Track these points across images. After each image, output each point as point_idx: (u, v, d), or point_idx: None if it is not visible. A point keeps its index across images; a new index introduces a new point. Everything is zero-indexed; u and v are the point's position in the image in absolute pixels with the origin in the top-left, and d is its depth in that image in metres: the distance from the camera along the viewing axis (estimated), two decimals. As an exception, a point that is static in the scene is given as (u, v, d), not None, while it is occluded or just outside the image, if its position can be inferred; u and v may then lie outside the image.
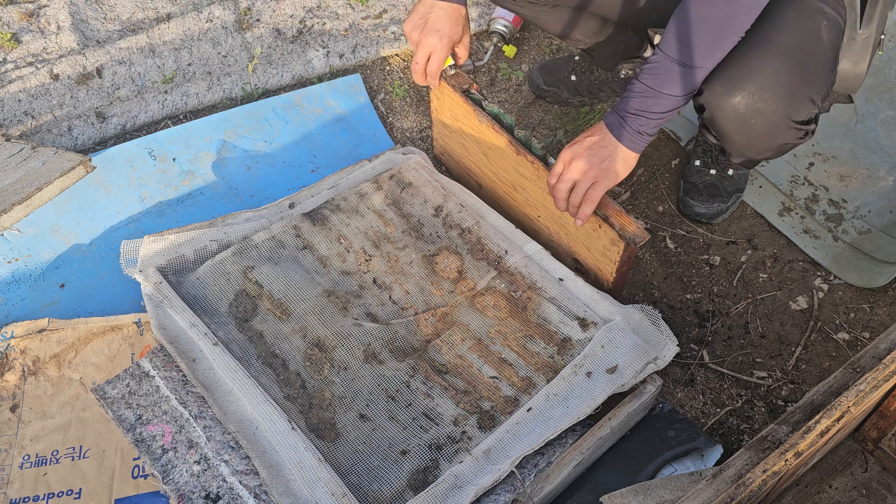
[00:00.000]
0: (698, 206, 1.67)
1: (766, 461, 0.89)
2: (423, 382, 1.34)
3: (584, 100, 1.91)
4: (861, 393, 0.95)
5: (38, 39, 2.00)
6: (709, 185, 1.67)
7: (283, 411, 1.21)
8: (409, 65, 2.03)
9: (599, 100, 1.92)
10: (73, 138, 1.83)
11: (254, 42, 2.03)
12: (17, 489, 1.26)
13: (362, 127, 1.87)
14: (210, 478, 1.18)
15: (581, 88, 1.88)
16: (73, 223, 1.63)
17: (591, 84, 1.88)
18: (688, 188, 1.69)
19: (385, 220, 1.57)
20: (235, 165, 1.77)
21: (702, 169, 1.68)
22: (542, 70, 1.92)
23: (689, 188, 1.69)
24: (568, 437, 1.26)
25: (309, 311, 1.40)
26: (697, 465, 1.29)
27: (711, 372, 1.48)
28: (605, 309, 1.40)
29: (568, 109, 1.92)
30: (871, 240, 1.63)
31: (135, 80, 1.95)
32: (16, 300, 1.52)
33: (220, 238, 1.47)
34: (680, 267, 1.64)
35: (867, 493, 1.22)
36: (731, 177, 1.67)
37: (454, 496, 1.14)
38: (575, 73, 1.88)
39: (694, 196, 1.67)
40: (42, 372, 1.39)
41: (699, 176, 1.68)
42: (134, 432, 1.23)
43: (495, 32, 2.02)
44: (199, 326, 1.30)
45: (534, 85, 1.93)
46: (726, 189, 1.67)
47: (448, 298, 1.46)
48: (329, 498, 1.12)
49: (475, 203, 1.61)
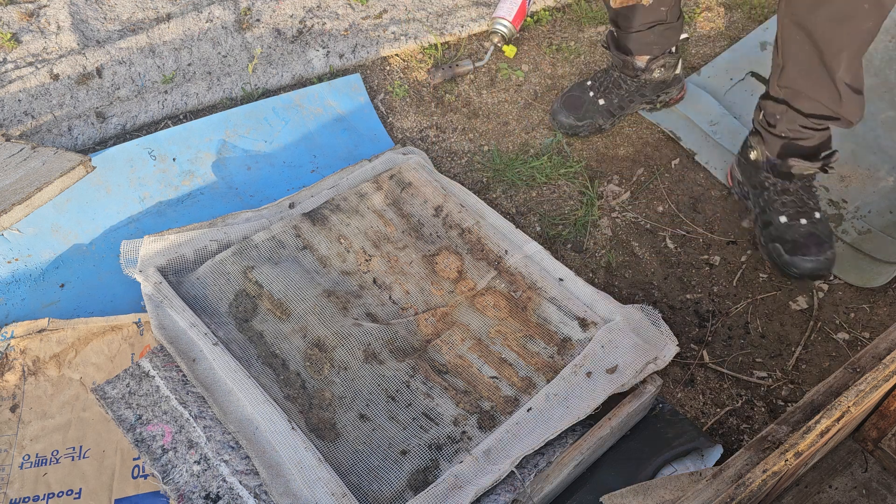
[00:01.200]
0: (810, 261, 1.49)
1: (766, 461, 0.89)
2: (423, 382, 1.34)
3: (616, 120, 1.84)
4: (861, 393, 0.95)
5: (38, 39, 2.00)
6: (809, 235, 1.50)
7: (283, 411, 1.21)
8: (409, 65, 2.03)
9: (632, 111, 1.85)
10: (73, 138, 1.83)
11: (254, 42, 2.03)
12: (17, 489, 1.26)
13: (362, 127, 1.87)
14: (210, 478, 1.18)
15: (613, 108, 1.81)
16: (73, 223, 1.63)
17: (622, 99, 1.80)
18: (789, 248, 1.50)
19: (385, 220, 1.57)
20: (235, 165, 1.77)
21: (791, 223, 1.51)
22: (565, 108, 1.83)
23: (791, 247, 1.50)
24: (568, 437, 1.26)
25: (309, 311, 1.40)
26: (697, 465, 1.29)
27: (711, 372, 1.48)
28: (605, 309, 1.40)
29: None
30: (871, 240, 1.63)
31: (135, 80, 1.95)
32: (16, 300, 1.52)
33: (220, 238, 1.47)
34: (680, 267, 1.64)
35: (867, 493, 1.22)
36: (821, 220, 1.52)
37: (454, 496, 1.14)
38: (601, 96, 1.80)
39: (803, 252, 1.49)
40: (42, 372, 1.39)
41: (792, 230, 1.51)
42: (134, 432, 1.23)
43: (495, 32, 2.02)
44: (199, 326, 1.30)
45: (564, 126, 1.82)
46: (824, 231, 1.52)
47: (448, 298, 1.46)
48: (329, 498, 1.12)
49: (475, 203, 1.61)
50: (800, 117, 1.43)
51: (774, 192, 1.54)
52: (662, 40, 1.71)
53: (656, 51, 1.73)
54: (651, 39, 1.70)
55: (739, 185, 1.66)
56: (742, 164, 1.63)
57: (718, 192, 1.76)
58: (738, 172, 1.66)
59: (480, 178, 1.79)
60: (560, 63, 2.04)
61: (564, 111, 1.83)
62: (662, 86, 1.81)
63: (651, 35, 1.69)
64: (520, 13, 2.01)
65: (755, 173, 1.57)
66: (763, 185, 1.56)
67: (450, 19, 2.10)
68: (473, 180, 1.79)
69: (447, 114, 1.93)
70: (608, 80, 1.81)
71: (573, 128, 1.82)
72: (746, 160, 1.60)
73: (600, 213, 1.72)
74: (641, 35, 1.69)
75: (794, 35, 1.34)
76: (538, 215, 1.72)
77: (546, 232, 1.69)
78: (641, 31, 1.68)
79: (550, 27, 2.13)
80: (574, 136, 1.84)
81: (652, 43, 1.71)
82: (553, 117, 1.85)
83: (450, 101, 1.95)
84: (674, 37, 1.72)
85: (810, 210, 1.52)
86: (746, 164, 1.60)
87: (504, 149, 1.86)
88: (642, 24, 1.66)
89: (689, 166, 1.80)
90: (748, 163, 1.59)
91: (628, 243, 1.68)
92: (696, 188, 1.77)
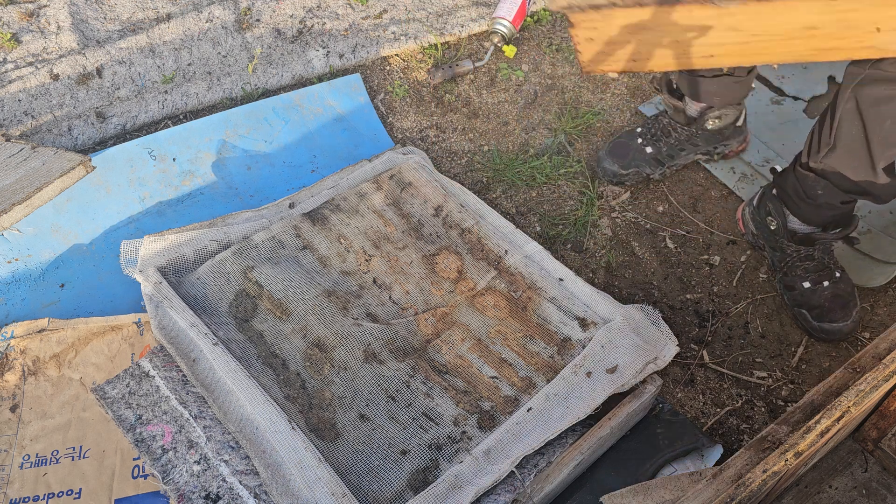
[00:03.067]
0: (838, 326, 1.49)
1: (766, 461, 0.89)
2: (423, 382, 1.33)
3: (665, 169, 1.74)
4: (861, 393, 0.95)
5: (38, 39, 2.00)
6: (834, 298, 1.49)
7: (283, 411, 1.21)
8: (409, 65, 2.03)
9: (682, 160, 1.75)
10: (73, 138, 1.83)
11: (254, 42, 2.03)
12: (17, 489, 1.26)
13: (362, 127, 1.87)
14: (210, 478, 1.18)
15: (661, 157, 1.72)
16: (73, 223, 1.63)
17: (672, 148, 1.71)
18: (817, 314, 1.49)
19: (385, 220, 1.57)
20: (235, 165, 1.77)
21: (815, 288, 1.50)
22: (611, 155, 1.74)
23: (818, 314, 1.49)
24: (568, 437, 1.26)
25: (309, 311, 1.40)
26: (697, 465, 1.29)
27: (711, 372, 1.48)
28: (605, 309, 1.40)
29: (567, 109, 1.92)
30: (871, 240, 1.63)
31: (135, 80, 1.95)
32: (16, 300, 1.52)
33: (220, 238, 1.47)
34: (680, 267, 1.64)
35: (867, 493, 1.22)
36: (841, 278, 1.51)
37: (454, 496, 1.14)
38: (649, 144, 1.72)
39: (830, 318, 1.49)
40: (42, 372, 1.39)
41: (817, 295, 1.50)
42: (134, 432, 1.23)
43: (495, 32, 2.02)
44: (199, 326, 1.30)
45: (608, 173, 1.74)
46: (847, 289, 1.51)
47: (448, 298, 1.46)
48: (329, 498, 1.12)
49: (475, 203, 1.61)
50: (839, 193, 1.41)
51: (797, 259, 1.52)
52: (726, 93, 1.61)
53: (717, 102, 1.63)
54: (713, 89, 1.60)
55: (754, 236, 1.62)
56: (757, 221, 1.58)
57: (718, 192, 1.76)
58: (751, 224, 1.62)
59: (480, 178, 1.79)
60: (560, 63, 2.04)
61: (609, 158, 1.74)
62: (718, 137, 1.71)
63: (714, 85, 1.58)
64: (520, 13, 2.01)
65: (773, 237, 1.54)
66: (783, 249, 1.53)
67: (450, 19, 2.10)
68: (473, 180, 1.79)
69: (447, 114, 1.93)
70: (657, 126, 1.73)
71: (617, 176, 1.73)
72: (763, 224, 1.56)
73: (600, 213, 1.72)
74: (704, 81, 1.58)
75: (854, 122, 1.30)
76: (538, 215, 1.72)
77: (546, 232, 1.69)
78: (705, 76, 1.57)
79: (550, 27, 2.13)
80: (619, 184, 1.75)
81: (713, 93, 1.61)
82: (598, 163, 1.77)
83: (450, 101, 1.95)
84: (740, 92, 1.62)
85: (831, 271, 1.51)
86: (763, 225, 1.56)
87: (504, 149, 1.86)
88: (708, 71, 1.54)
89: (689, 166, 1.80)
90: (765, 226, 1.55)
91: (628, 243, 1.68)
92: (696, 188, 1.77)
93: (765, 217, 1.55)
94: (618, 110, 1.94)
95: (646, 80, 2.00)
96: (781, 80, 1.96)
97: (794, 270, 1.53)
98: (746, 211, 1.64)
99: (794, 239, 1.51)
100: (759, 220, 1.57)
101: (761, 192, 1.58)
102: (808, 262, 1.51)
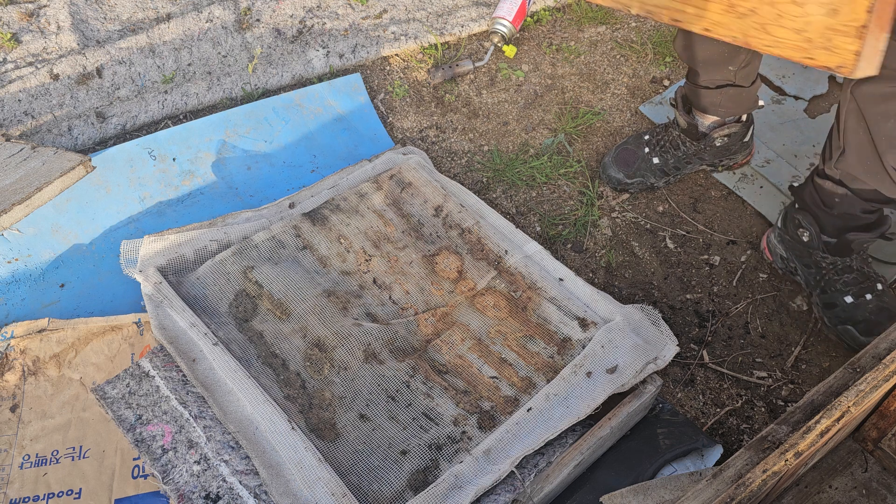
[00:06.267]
0: None
1: (766, 461, 0.89)
2: (423, 382, 1.33)
3: (670, 179, 1.73)
4: (861, 393, 0.95)
5: (38, 39, 2.00)
6: (880, 311, 1.43)
7: (283, 411, 1.21)
8: (409, 65, 2.03)
9: (688, 171, 1.74)
10: (73, 138, 1.83)
11: (254, 42, 2.03)
12: (17, 489, 1.26)
13: (362, 127, 1.87)
14: (210, 478, 1.18)
15: (668, 168, 1.71)
16: (73, 223, 1.63)
17: (678, 160, 1.70)
18: (863, 328, 1.43)
19: (385, 220, 1.57)
20: (235, 165, 1.77)
21: (858, 301, 1.44)
22: (617, 162, 1.73)
23: (865, 328, 1.43)
24: (568, 437, 1.26)
25: (309, 311, 1.40)
26: (697, 465, 1.29)
27: (711, 372, 1.48)
28: (605, 309, 1.40)
29: (567, 109, 1.92)
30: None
31: (135, 80, 1.95)
32: (16, 300, 1.52)
33: (220, 238, 1.47)
34: (680, 267, 1.64)
35: (867, 493, 1.22)
36: (884, 290, 1.45)
37: (454, 496, 1.14)
38: (656, 155, 1.70)
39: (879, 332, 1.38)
40: (42, 372, 1.39)
41: (862, 309, 1.43)
42: (134, 432, 1.23)
43: (495, 32, 2.02)
44: (199, 326, 1.30)
45: (613, 181, 1.73)
46: (892, 301, 1.45)
47: (448, 298, 1.46)
48: (329, 498, 1.12)
49: (475, 203, 1.61)
50: (859, 201, 1.37)
51: (834, 272, 1.45)
52: (731, 105, 1.59)
53: (722, 113, 1.61)
54: (718, 101, 1.58)
55: (784, 260, 1.56)
56: (787, 241, 1.53)
57: (718, 192, 1.76)
58: (780, 248, 1.56)
59: (480, 178, 1.79)
60: (560, 63, 2.04)
61: (615, 166, 1.73)
62: (726, 152, 1.70)
63: (719, 96, 1.56)
64: (520, 13, 2.01)
65: (807, 252, 1.48)
66: (818, 264, 1.47)
67: (450, 19, 2.10)
68: (473, 180, 1.79)
69: (447, 114, 1.93)
70: (666, 138, 1.71)
71: (621, 184, 1.73)
72: (795, 239, 1.50)
73: (600, 213, 1.72)
74: (709, 93, 1.57)
75: (859, 123, 1.28)
76: (538, 215, 1.72)
77: (546, 232, 1.69)
78: (710, 88, 1.56)
79: (550, 27, 2.13)
80: (623, 192, 1.75)
81: (718, 105, 1.59)
82: (603, 170, 1.76)
83: (450, 101, 1.95)
84: (745, 103, 1.60)
85: (873, 282, 1.45)
86: (795, 242, 1.50)
87: (504, 149, 1.86)
88: (710, 81, 1.54)
89: (689, 166, 1.80)
90: (798, 242, 1.49)
91: (628, 243, 1.68)
92: (696, 188, 1.77)
93: (795, 230, 1.48)
94: (618, 110, 1.94)
95: (646, 80, 2.01)
96: (782, 79, 1.96)
97: (832, 286, 1.45)
98: (772, 236, 1.58)
99: (829, 249, 1.44)
100: (789, 238, 1.51)
101: (784, 212, 1.54)
102: (847, 274, 1.44)
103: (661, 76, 2.01)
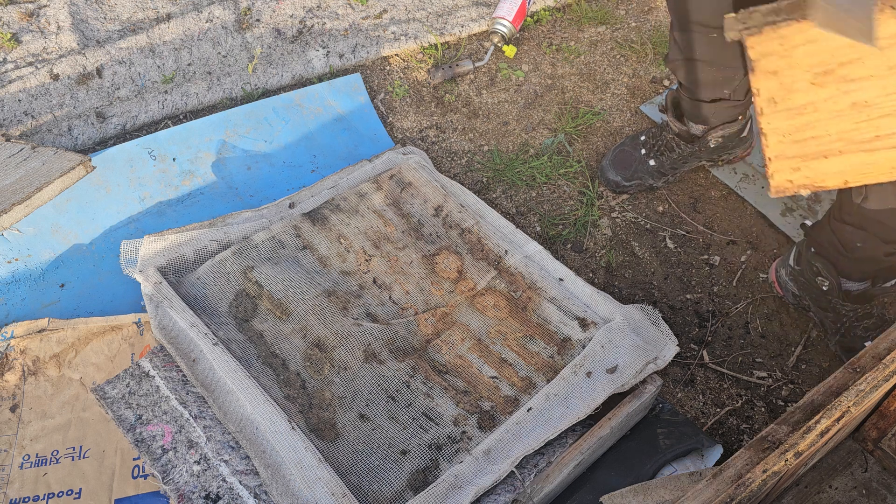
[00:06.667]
0: None
1: (766, 461, 0.89)
2: (423, 382, 1.33)
3: (668, 179, 1.74)
4: (861, 393, 0.95)
5: (38, 39, 2.00)
6: None
7: (283, 411, 1.21)
8: (409, 65, 2.03)
9: (686, 169, 1.74)
10: (73, 138, 1.83)
11: (254, 42, 2.03)
12: (17, 489, 1.26)
13: (362, 127, 1.87)
14: (210, 478, 1.18)
15: (665, 169, 1.71)
16: (73, 223, 1.63)
17: (675, 161, 1.69)
18: None
19: (385, 220, 1.57)
20: (235, 165, 1.77)
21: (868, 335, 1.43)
22: (614, 165, 1.73)
23: None
24: (568, 437, 1.26)
25: (309, 311, 1.40)
26: (697, 465, 1.29)
27: (711, 372, 1.48)
28: (605, 309, 1.40)
29: (567, 109, 1.92)
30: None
31: (135, 80, 1.95)
32: (16, 300, 1.52)
33: (220, 238, 1.47)
34: (680, 267, 1.64)
35: (867, 493, 1.22)
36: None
37: (454, 496, 1.14)
38: (652, 157, 1.70)
39: None
40: (42, 372, 1.39)
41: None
42: (134, 432, 1.23)
43: (495, 32, 2.02)
44: (199, 326, 1.30)
45: (611, 183, 1.74)
46: None
47: (448, 298, 1.46)
48: (329, 498, 1.12)
49: (475, 203, 1.61)
50: (882, 244, 1.30)
51: (855, 318, 1.43)
52: (723, 114, 1.59)
53: (714, 122, 1.61)
54: (710, 112, 1.58)
55: (796, 297, 1.52)
56: (802, 282, 1.48)
57: (718, 192, 1.76)
58: (792, 286, 1.52)
59: (480, 178, 1.79)
60: (560, 63, 2.04)
61: (613, 169, 1.73)
62: (722, 150, 1.69)
63: (713, 108, 1.57)
64: (520, 13, 2.01)
65: (825, 298, 1.44)
66: (837, 310, 1.43)
67: (450, 19, 2.10)
68: (473, 180, 1.79)
69: (447, 114, 1.93)
70: (661, 141, 1.70)
71: (620, 186, 1.73)
72: (812, 284, 1.45)
73: (600, 213, 1.72)
74: (703, 106, 1.57)
75: None
76: (538, 215, 1.72)
77: (546, 232, 1.69)
78: (704, 101, 1.55)
79: (550, 27, 2.13)
80: (622, 193, 1.75)
81: (710, 115, 1.59)
82: (601, 173, 1.76)
83: (450, 101, 1.95)
84: (736, 111, 1.59)
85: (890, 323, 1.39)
86: (810, 286, 1.46)
87: (504, 149, 1.86)
88: (705, 96, 1.54)
89: (689, 166, 1.80)
90: (815, 289, 1.45)
91: (628, 243, 1.68)
92: (696, 188, 1.77)
93: (814, 278, 1.43)
94: (618, 110, 1.94)
95: (646, 80, 2.00)
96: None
97: (853, 331, 1.43)
98: (783, 272, 1.54)
99: (849, 298, 1.40)
100: (806, 282, 1.46)
101: (797, 251, 1.49)
102: (867, 319, 1.42)
103: (662, 76, 2.01)
